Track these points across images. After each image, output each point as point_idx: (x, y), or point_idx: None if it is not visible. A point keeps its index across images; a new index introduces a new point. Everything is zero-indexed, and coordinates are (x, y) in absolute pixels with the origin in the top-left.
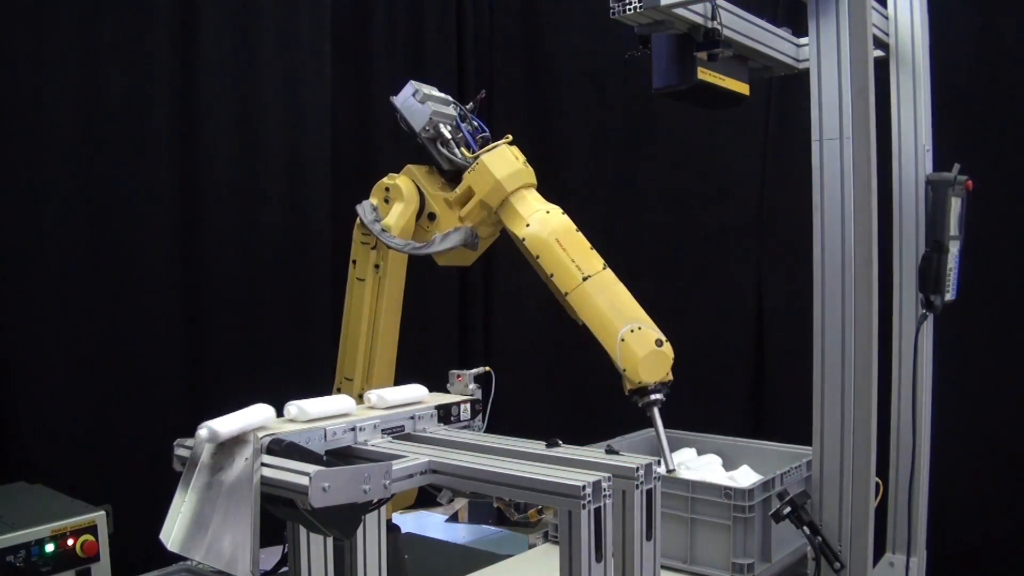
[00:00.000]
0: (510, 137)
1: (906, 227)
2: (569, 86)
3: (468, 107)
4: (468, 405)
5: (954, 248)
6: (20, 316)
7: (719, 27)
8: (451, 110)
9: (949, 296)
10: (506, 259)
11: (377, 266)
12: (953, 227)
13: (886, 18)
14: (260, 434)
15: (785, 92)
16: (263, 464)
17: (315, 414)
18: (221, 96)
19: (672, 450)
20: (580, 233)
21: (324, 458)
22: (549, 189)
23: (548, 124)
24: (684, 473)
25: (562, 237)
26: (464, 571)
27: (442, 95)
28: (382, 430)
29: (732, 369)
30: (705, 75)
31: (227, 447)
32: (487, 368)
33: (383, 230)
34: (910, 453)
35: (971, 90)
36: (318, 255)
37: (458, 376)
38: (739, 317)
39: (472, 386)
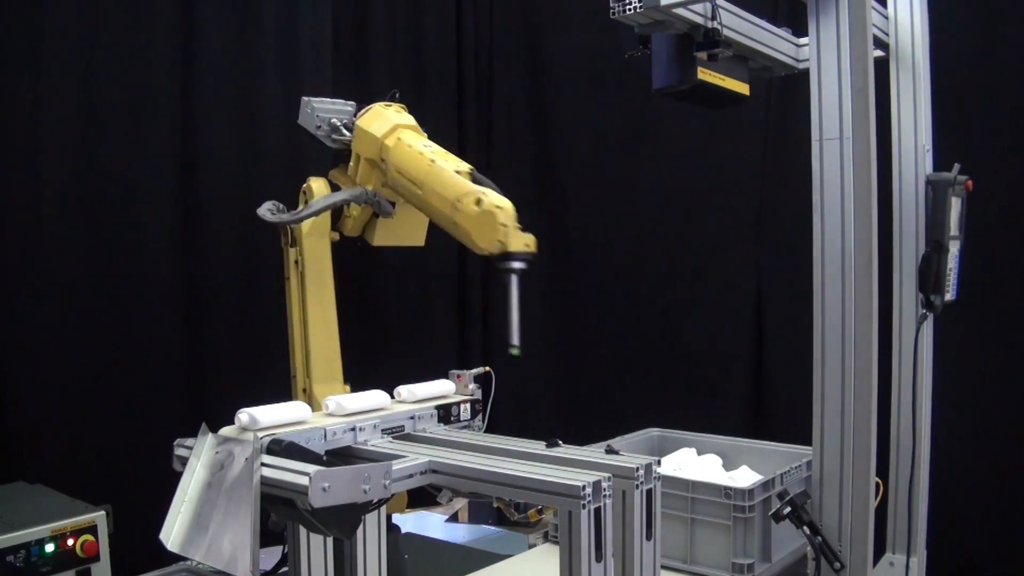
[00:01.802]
0: (388, 99)
1: (906, 227)
2: (569, 86)
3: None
4: (468, 405)
5: (954, 248)
6: (20, 316)
7: (719, 27)
8: (348, 107)
9: (949, 296)
10: None
11: (297, 262)
12: (953, 227)
13: (886, 18)
14: (260, 434)
15: (785, 92)
16: (263, 464)
17: (266, 423)
18: (221, 100)
19: (672, 450)
20: (424, 151)
21: (324, 458)
22: (548, 189)
23: (548, 124)
24: (684, 473)
25: (401, 168)
26: (464, 571)
27: (340, 101)
28: (382, 430)
29: (732, 369)
30: (705, 75)
31: (227, 447)
32: (487, 368)
33: (271, 212)
34: (910, 453)
35: (971, 90)
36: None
37: (458, 376)
38: (739, 317)
39: (472, 386)
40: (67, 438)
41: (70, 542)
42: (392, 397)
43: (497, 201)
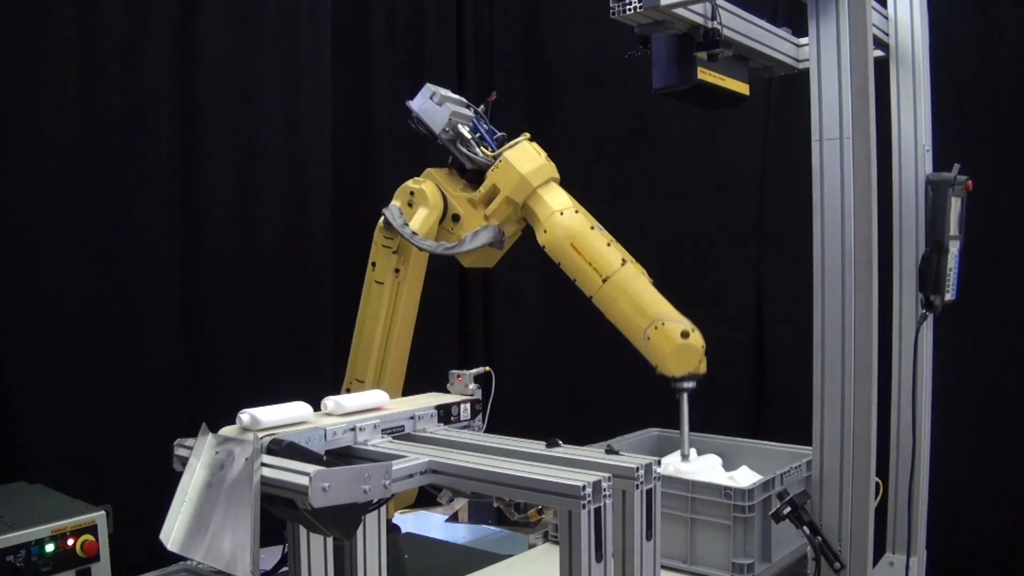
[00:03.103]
0: (528, 135)
1: (906, 227)
2: (569, 86)
3: (481, 108)
4: (468, 405)
5: (954, 248)
6: (19, 316)
7: (719, 27)
8: (467, 111)
9: (949, 296)
10: (506, 258)
11: (397, 270)
12: (953, 227)
13: (886, 18)
14: (260, 434)
15: (785, 92)
16: (263, 464)
17: (267, 423)
18: (221, 97)
19: (672, 450)
20: (596, 230)
21: (324, 458)
22: None
23: (548, 124)
24: (684, 473)
25: (577, 240)
26: (464, 571)
27: (458, 97)
28: (382, 430)
29: (732, 369)
30: (705, 75)
31: (227, 447)
32: (487, 368)
33: (414, 233)
34: (910, 453)
35: (971, 90)
36: (318, 256)
37: (458, 376)
38: (739, 317)
39: (472, 386)
40: (67, 438)
41: (70, 542)
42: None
43: (700, 338)
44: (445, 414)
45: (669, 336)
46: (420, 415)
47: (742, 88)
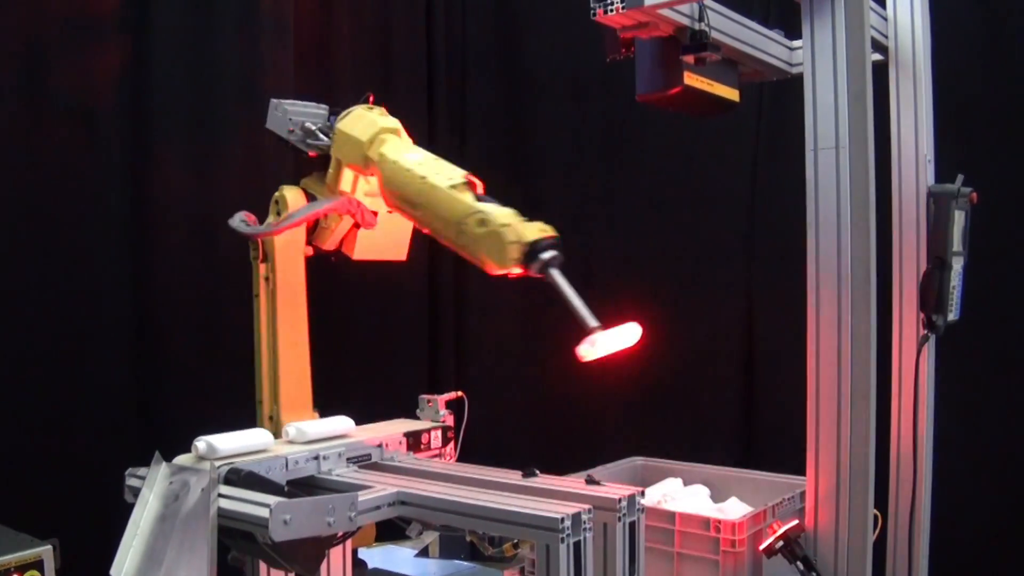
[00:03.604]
0: (369, 104)
1: (906, 242)
2: (547, 92)
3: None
4: (439, 432)
5: (957, 265)
6: None
7: (707, 29)
8: (320, 111)
9: (952, 316)
10: (479, 273)
11: (267, 278)
12: (956, 242)
13: (885, 19)
14: (217, 463)
15: (777, 98)
16: (220, 495)
17: (225, 451)
18: (175, 102)
19: (656, 480)
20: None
21: (286, 488)
22: (525, 199)
23: (524, 132)
24: (669, 505)
25: (391, 188)
26: None
27: (312, 104)
28: (347, 459)
29: (720, 394)
30: (692, 80)
31: (182, 476)
32: (459, 393)
33: (244, 223)
34: (911, 484)
35: (976, 95)
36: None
37: (428, 401)
38: (727, 338)
39: (443, 412)
40: (11, 467)
41: None
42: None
43: (501, 218)
44: (415, 442)
45: (472, 234)
46: (388, 443)
47: (731, 94)
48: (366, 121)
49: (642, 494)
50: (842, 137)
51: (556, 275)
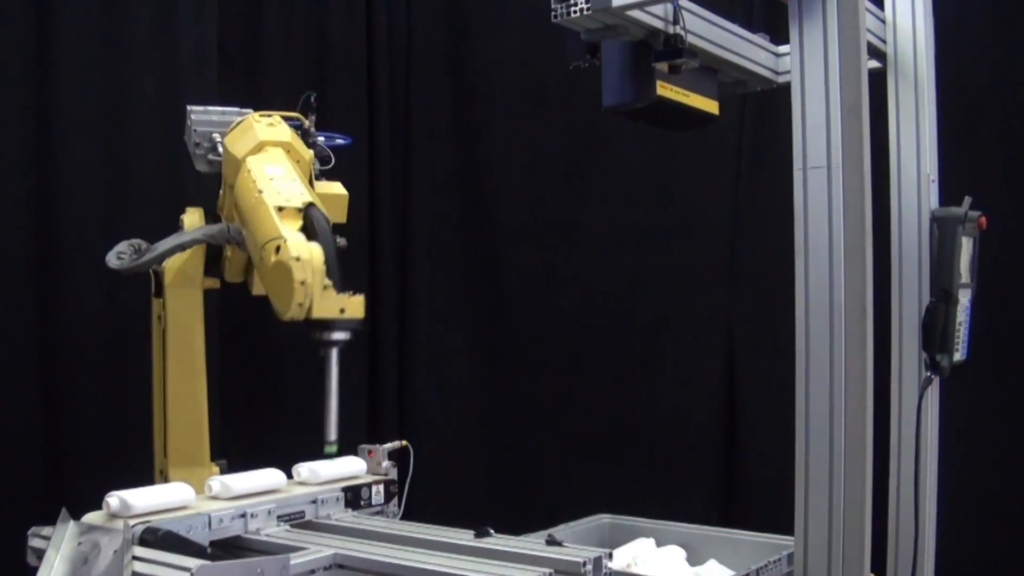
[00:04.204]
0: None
1: (907, 273)
2: (502, 103)
3: (308, 119)
4: (381, 486)
5: (965, 298)
6: None
7: (682, 33)
8: (235, 118)
9: (959, 356)
10: (424, 307)
11: (160, 317)
12: (964, 273)
13: (883, 21)
14: (132, 521)
15: (762, 111)
16: (135, 557)
17: (140, 508)
18: (83, 113)
19: (626, 540)
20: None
21: (208, 550)
22: (478, 228)
23: (476, 147)
24: (640, 568)
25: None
26: None
27: (234, 110)
28: (278, 516)
29: (698, 443)
30: (665, 90)
31: (92, 536)
32: (403, 442)
33: (119, 258)
34: (912, 544)
35: (985, 107)
36: (207, 300)
37: (369, 452)
38: (707, 381)
39: (386, 463)
40: None
41: None
42: (290, 477)
43: (298, 250)
44: (353, 497)
45: (265, 263)
46: (323, 499)
47: (710, 106)
48: (250, 134)
49: (609, 556)
50: (834, 154)
51: (333, 362)
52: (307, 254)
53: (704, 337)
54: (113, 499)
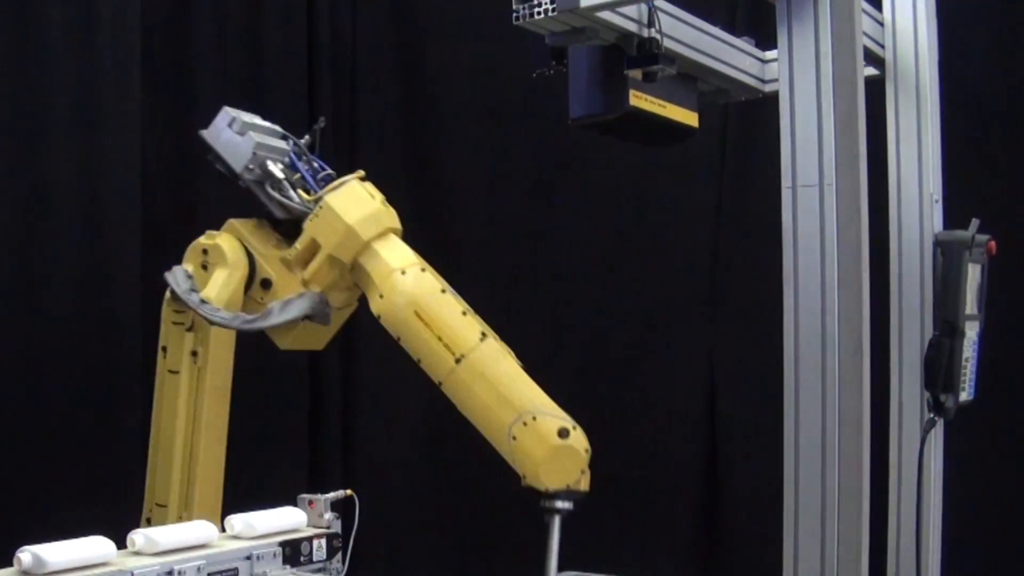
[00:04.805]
0: (362, 172)
1: (908, 303)
2: (459, 113)
3: (304, 141)
4: (323, 540)
5: (972, 332)
6: None
7: (658, 36)
8: (282, 143)
9: (965, 396)
10: (371, 339)
11: (195, 353)
12: (970, 304)
13: (881, 24)
14: None
15: (746, 123)
16: None
17: (56, 565)
18: None
19: None
20: (449, 295)
21: None
22: (432, 249)
23: (430, 163)
24: None
25: (422, 307)
26: None
27: (269, 125)
28: (208, 573)
29: (677, 490)
30: (639, 100)
31: None
32: (348, 491)
33: (203, 301)
34: None
35: (994, 119)
36: (124, 340)
37: (309, 502)
38: (685, 419)
39: (328, 515)
40: None
41: None
42: (223, 530)
43: (583, 437)
44: (293, 552)
45: (542, 434)
46: (259, 554)
47: (689, 118)
48: (368, 209)
49: None
50: (827, 171)
51: (556, 528)
52: (585, 439)
53: (683, 373)
54: (25, 554)
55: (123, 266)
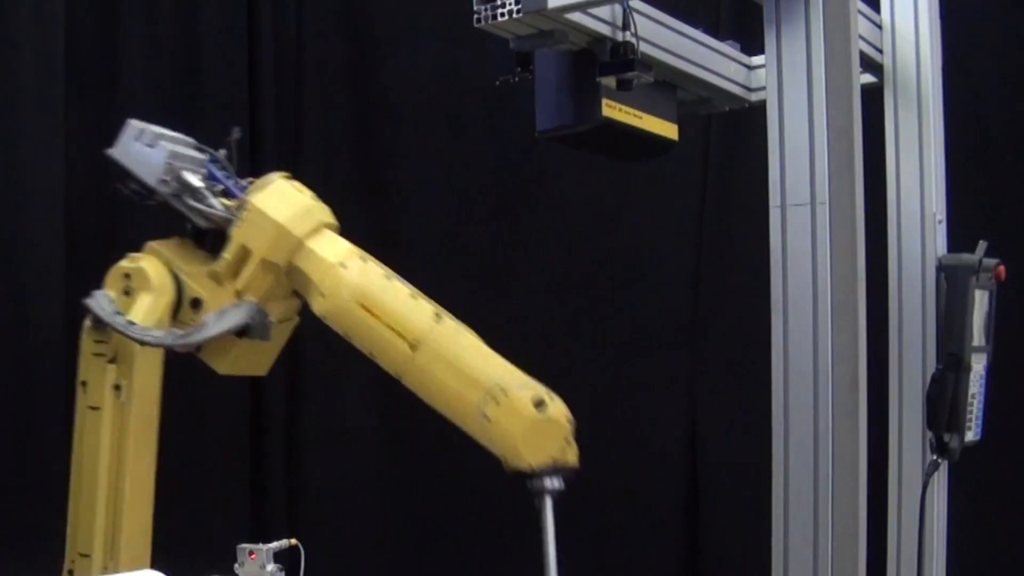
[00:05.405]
0: (286, 174)
1: (908, 333)
2: (412, 124)
3: (222, 152)
4: None
5: (979, 365)
6: None
7: (633, 40)
8: (199, 154)
9: (972, 436)
10: (319, 362)
11: (118, 387)
12: (977, 334)
13: (879, 27)
14: None
15: (731, 136)
16: None
17: None
18: None
19: None
20: (395, 279)
21: None
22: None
23: (381, 177)
24: None
25: (368, 298)
26: None
27: (182, 136)
28: None
29: (655, 529)
30: (613, 111)
31: None
32: (293, 540)
33: (130, 323)
34: None
35: (1002, 132)
36: (47, 371)
37: (250, 553)
38: (664, 458)
39: (271, 567)
40: None
41: None
42: None
43: (562, 406)
44: None
45: (516, 409)
46: None
47: (668, 130)
48: (298, 206)
49: None
50: (819, 189)
51: (548, 511)
52: (565, 407)
53: (661, 406)
54: None
55: (45, 290)
